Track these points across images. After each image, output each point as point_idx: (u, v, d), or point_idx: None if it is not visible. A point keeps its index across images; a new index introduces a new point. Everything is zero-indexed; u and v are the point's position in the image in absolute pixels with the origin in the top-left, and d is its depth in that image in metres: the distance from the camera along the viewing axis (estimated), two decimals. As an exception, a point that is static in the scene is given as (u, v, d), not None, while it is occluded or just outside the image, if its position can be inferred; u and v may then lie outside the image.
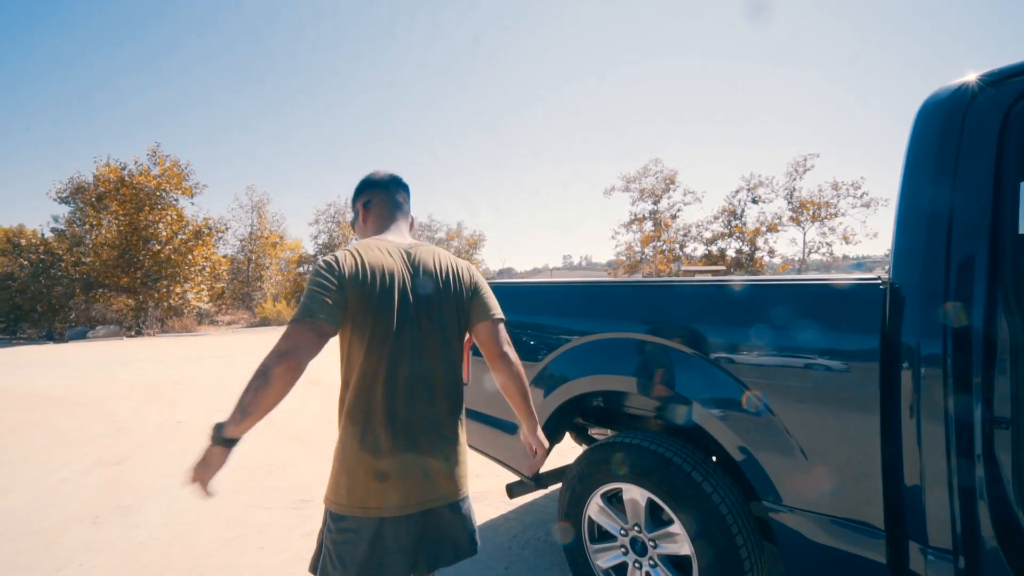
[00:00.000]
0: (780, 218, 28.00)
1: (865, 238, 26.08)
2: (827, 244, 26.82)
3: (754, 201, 28.85)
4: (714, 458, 1.80)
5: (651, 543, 1.75)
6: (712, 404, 1.56)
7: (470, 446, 2.46)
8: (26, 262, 17.98)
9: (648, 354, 1.75)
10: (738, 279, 1.67)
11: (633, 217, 30.27)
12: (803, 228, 27.59)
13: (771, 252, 28.70)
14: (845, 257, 27.72)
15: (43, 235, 19.45)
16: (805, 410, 1.39)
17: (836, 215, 26.26)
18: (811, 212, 26.67)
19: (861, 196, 25.21)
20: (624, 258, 30.98)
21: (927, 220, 1.27)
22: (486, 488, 3.27)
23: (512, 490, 2.25)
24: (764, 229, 28.51)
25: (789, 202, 27.62)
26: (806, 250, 27.64)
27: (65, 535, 2.81)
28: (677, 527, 1.65)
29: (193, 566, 2.45)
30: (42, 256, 18.15)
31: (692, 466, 1.65)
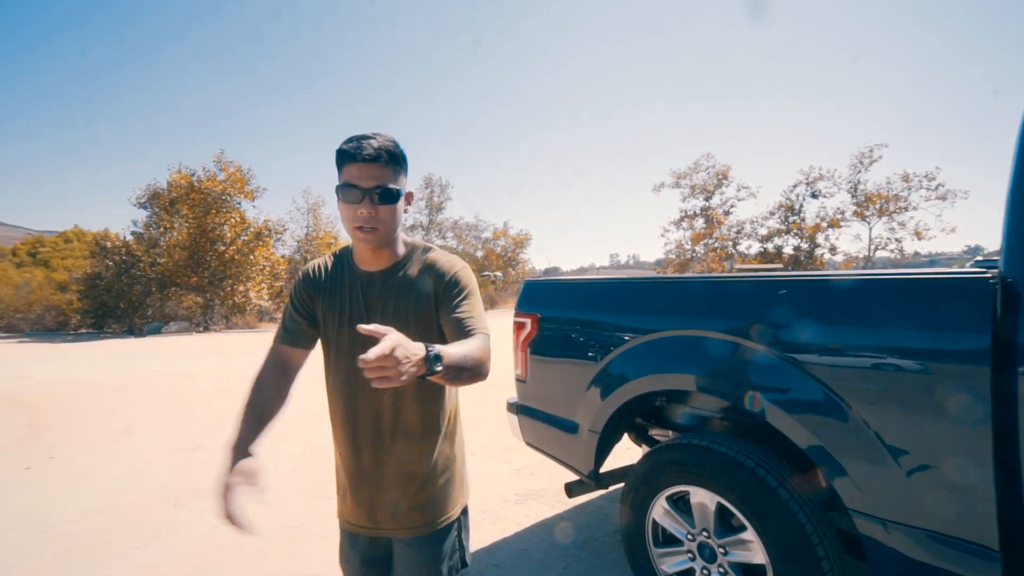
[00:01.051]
0: (843, 213, 26.41)
1: (940, 233, 24.11)
2: (896, 240, 25.03)
3: (814, 196, 27.34)
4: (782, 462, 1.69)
5: (721, 550, 1.67)
6: (791, 406, 1.47)
7: (527, 443, 2.45)
8: (111, 263, 19.56)
9: (721, 352, 1.66)
10: (824, 274, 1.56)
11: (683, 214, 29.37)
12: (869, 223, 25.90)
13: (832, 249, 27.12)
14: (916, 254, 25.74)
15: (124, 238, 21.09)
16: (901, 415, 1.28)
17: (907, 209, 24.47)
18: (878, 206, 24.98)
19: (936, 188, 23.35)
20: (674, 256, 30.10)
21: (1050, 206, 1.14)
22: (540, 486, 3.25)
23: (571, 489, 2.22)
24: (825, 225, 26.98)
25: (853, 196, 25.99)
26: (872, 247, 25.93)
27: (149, 513, 3.02)
28: (750, 534, 1.57)
29: (260, 550, 2.57)
30: (124, 257, 19.70)
31: (766, 471, 1.56)
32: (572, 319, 2.23)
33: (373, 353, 0.75)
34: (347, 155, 1.05)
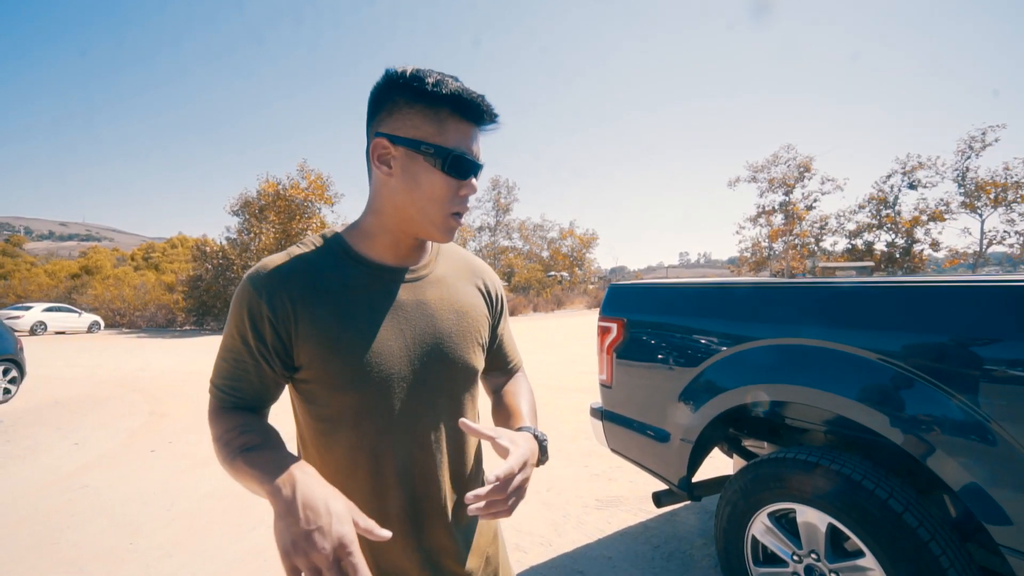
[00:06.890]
0: (947, 204, 23.81)
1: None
2: (1016, 233, 22.21)
3: (911, 186, 24.90)
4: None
5: (833, 575, 1.56)
6: (926, 425, 1.35)
7: (612, 450, 2.42)
8: (209, 266, 21.58)
9: (835, 363, 1.55)
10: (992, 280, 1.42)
11: (761, 210, 27.78)
12: (980, 215, 23.18)
13: (934, 244, 24.54)
14: (1041, 248, 22.70)
15: (220, 243, 23.16)
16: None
17: (1030, 198, 21.68)
18: (993, 195, 22.29)
19: (1069, 173, 20.48)
20: (749, 254, 28.54)
21: None
22: (621, 493, 3.20)
23: (660, 499, 2.17)
24: (925, 218, 24.47)
25: (961, 185, 23.36)
26: (984, 241, 23.17)
27: (253, 501, 3.29)
28: (870, 561, 1.46)
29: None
30: (220, 261, 21.65)
31: (888, 492, 1.44)
32: (662, 324, 2.17)
33: (507, 482, 0.64)
34: (460, 103, 0.69)
